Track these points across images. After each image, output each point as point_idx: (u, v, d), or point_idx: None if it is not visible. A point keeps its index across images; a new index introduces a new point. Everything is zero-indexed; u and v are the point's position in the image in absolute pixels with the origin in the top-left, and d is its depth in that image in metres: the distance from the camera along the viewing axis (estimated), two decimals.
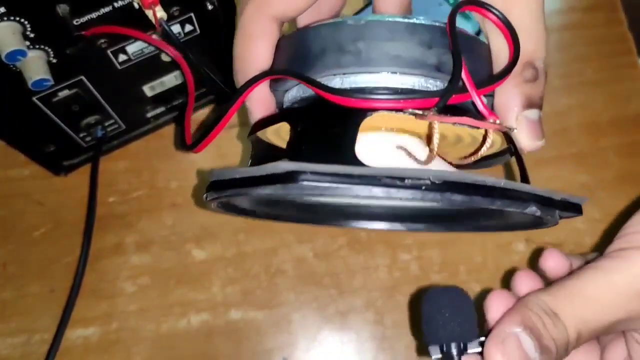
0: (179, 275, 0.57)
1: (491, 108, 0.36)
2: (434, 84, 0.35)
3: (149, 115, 0.59)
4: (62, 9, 0.42)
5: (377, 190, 0.29)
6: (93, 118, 0.55)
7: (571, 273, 0.39)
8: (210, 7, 0.49)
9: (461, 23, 0.36)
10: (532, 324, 0.36)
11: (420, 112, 0.32)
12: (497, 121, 0.34)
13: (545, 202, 0.33)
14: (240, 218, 0.58)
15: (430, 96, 0.32)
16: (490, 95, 0.37)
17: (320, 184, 0.29)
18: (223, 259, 0.58)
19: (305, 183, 0.29)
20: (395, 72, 0.34)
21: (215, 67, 0.56)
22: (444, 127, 0.35)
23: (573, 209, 0.35)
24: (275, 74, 0.37)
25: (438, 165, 0.37)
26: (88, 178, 0.57)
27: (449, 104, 0.32)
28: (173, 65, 0.52)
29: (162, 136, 0.62)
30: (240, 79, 0.39)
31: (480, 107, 0.33)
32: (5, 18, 0.41)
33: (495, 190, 0.31)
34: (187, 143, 0.42)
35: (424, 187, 0.30)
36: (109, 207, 0.59)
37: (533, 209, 0.32)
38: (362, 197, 0.30)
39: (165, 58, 0.52)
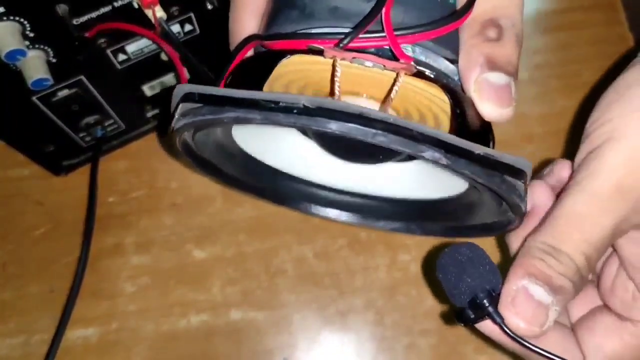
0: (179, 276, 0.57)
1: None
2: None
3: (149, 115, 0.59)
4: (62, 8, 0.42)
5: (255, 112, 0.29)
6: (93, 118, 0.55)
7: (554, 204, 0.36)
8: (209, 6, 0.49)
9: None
10: (535, 270, 0.34)
11: (321, 48, 0.32)
12: (410, 63, 0.31)
13: (453, 149, 0.29)
14: (242, 218, 0.58)
15: (339, 37, 0.32)
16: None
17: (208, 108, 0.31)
18: (223, 259, 0.58)
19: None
20: (343, 26, 0.34)
21: (214, 67, 0.56)
22: (408, 101, 0.35)
23: (507, 170, 0.31)
24: (253, 40, 0.38)
25: None
26: (88, 178, 0.57)
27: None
28: (172, 65, 0.52)
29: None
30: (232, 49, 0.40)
31: (394, 49, 0.32)
32: (5, 18, 0.41)
33: (379, 122, 0.28)
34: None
35: (295, 111, 0.28)
36: (109, 207, 0.59)
37: (434, 155, 0.28)
38: (243, 119, 0.30)
39: (164, 58, 0.52)
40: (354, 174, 0.45)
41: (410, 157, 0.42)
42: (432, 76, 0.33)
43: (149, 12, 0.45)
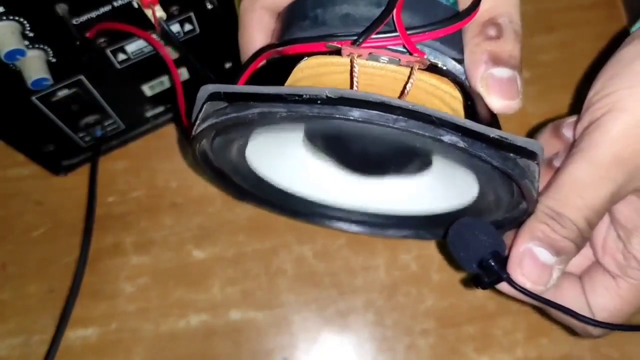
0: (178, 276, 0.57)
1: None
2: None
3: (149, 114, 0.59)
4: (61, 8, 0.42)
5: (279, 106, 0.30)
6: (92, 118, 0.55)
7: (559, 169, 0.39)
8: (210, 6, 0.49)
9: None
10: (540, 234, 0.37)
11: (339, 47, 0.33)
12: (424, 57, 0.33)
13: (470, 133, 0.30)
14: (242, 218, 0.58)
15: (352, 37, 0.34)
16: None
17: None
18: (223, 259, 0.58)
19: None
20: (356, 33, 0.35)
21: (214, 67, 0.56)
22: (420, 98, 0.36)
23: (520, 152, 0.32)
24: (267, 50, 0.39)
25: None
26: (87, 178, 0.57)
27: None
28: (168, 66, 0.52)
29: (162, 136, 0.62)
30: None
31: (407, 45, 0.34)
32: (4, 17, 0.41)
33: (399, 109, 0.29)
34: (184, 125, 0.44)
35: (319, 101, 0.30)
36: (109, 207, 0.59)
37: (452, 138, 0.30)
38: (268, 114, 0.31)
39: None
40: (364, 191, 0.46)
41: (420, 168, 0.43)
42: (444, 68, 0.35)
43: (148, 12, 0.44)
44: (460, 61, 0.37)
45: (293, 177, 0.46)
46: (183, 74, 0.55)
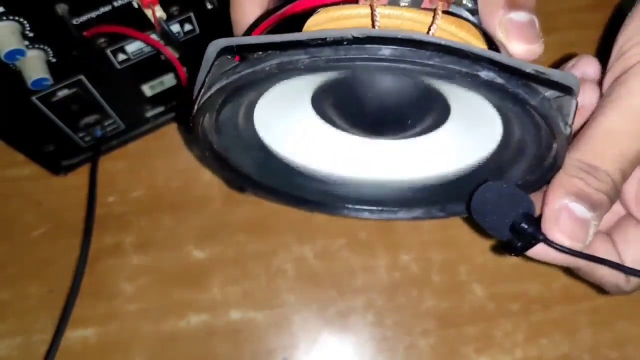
0: (178, 276, 0.57)
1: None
2: None
3: (149, 115, 0.59)
4: (61, 8, 0.42)
5: (300, 52, 0.28)
6: (92, 118, 0.55)
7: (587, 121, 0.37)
8: (210, 6, 0.49)
9: None
10: (575, 189, 0.35)
11: None
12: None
13: (508, 68, 0.28)
14: (242, 218, 0.58)
15: None
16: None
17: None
18: (223, 259, 0.58)
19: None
20: None
21: None
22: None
23: (556, 87, 0.30)
24: (270, 15, 0.36)
25: None
26: (87, 178, 0.57)
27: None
28: (172, 65, 0.52)
29: (162, 136, 0.61)
30: None
31: None
32: (4, 17, 0.41)
33: (431, 44, 0.27)
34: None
35: (345, 42, 0.27)
36: (109, 207, 0.59)
37: (489, 74, 0.28)
38: (288, 64, 0.28)
39: (164, 57, 0.51)
40: (375, 157, 0.44)
41: (437, 123, 0.41)
42: (468, 14, 0.33)
43: (148, 12, 0.44)
44: (473, 11, 0.36)
45: (302, 147, 0.44)
46: None
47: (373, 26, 0.32)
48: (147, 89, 0.55)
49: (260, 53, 0.29)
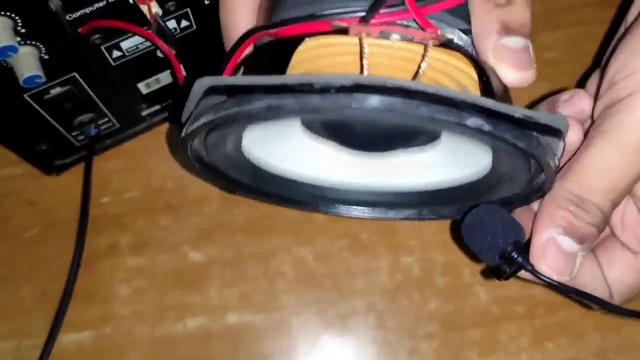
0: (174, 278, 0.56)
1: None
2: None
3: (144, 113, 0.58)
4: (55, 3, 0.41)
5: (288, 97, 0.28)
6: (86, 116, 0.54)
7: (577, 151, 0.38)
8: (206, 2, 0.48)
9: None
10: (564, 222, 0.36)
11: (345, 26, 0.32)
12: (438, 32, 0.32)
13: (497, 115, 0.29)
14: (239, 219, 0.58)
15: (355, 14, 0.32)
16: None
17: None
18: (220, 261, 0.57)
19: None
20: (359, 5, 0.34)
21: (211, 63, 0.55)
22: (431, 76, 0.34)
23: (545, 130, 0.31)
24: (257, 32, 0.37)
25: None
26: (81, 178, 0.56)
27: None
28: (169, 62, 0.51)
29: (158, 135, 0.61)
30: (228, 46, 0.39)
31: (419, 20, 0.32)
32: None
33: (420, 94, 0.27)
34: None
35: (333, 90, 0.27)
36: (103, 207, 0.58)
37: (476, 122, 0.28)
38: (275, 108, 0.28)
39: (160, 54, 0.51)
40: (366, 168, 0.44)
41: (427, 141, 0.41)
42: (460, 44, 0.33)
43: (144, 8, 0.44)
44: (467, 32, 0.36)
45: (291, 161, 0.45)
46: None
47: (361, 59, 0.32)
48: (143, 87, 0.55)
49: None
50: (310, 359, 0.55)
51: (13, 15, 0.41)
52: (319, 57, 0.34)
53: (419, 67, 0.32)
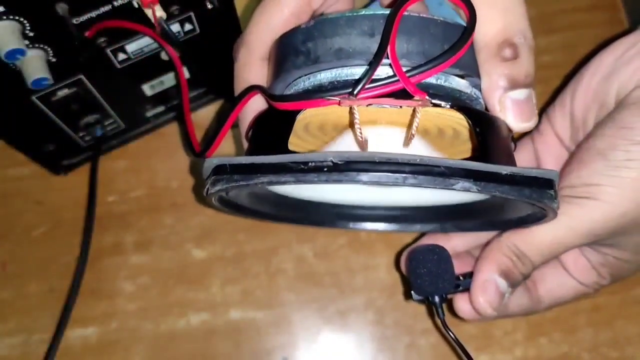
0: (178, 275, 0.57)
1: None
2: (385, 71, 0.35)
3: (149, 114, 0.59)
4: (62, 8, 0.42)
5: (287, 175, 0.31)
6: (92, 117, 0.54)
7: None
8: (210, 6, 0.49)
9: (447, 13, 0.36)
10: (504, 267, 0.43)
11: (338, 99, 0.34)
12: (425, 98, 0.33)
13: (483, 176, 0.31)
14: (241, 218, 0.58)
15: (347, 88, 0.34)
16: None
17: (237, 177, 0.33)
18: (223, 258, 0.58)
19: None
20: (351, 65, 0.36)
21: (214, 67, 0.56)
22: (425, 122, 0.36)
23: (534, 184, 0.33)
24: (254, 90, 0.41)
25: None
26: (87, 177, 0.57)
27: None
28: (173, 64, 0.52)
29: (162, 135, 0.62)
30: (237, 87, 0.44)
31: (408, 87, 0.33)
32: (5, 17, 0.40)
33: (407, 165, 0.30)
34: (196, 151, 0.45)
35: (325, 169, 0.30)
36: (109, 206, 0.59)
37: (464, 185, 0.31)
38: (276, 182, 0.32)
39: (165, 57, 0.51)
40: (387, 192, 0.46)
41: None
42: (447, 106, 0.34)
43: (148, 12, 0.44)
44: (463, 76, 0.37)
45: (318, 188, 0.46)
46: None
47: (352, 126, 0.35)
48: (147, 89, 0.55)
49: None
50: (311, 355, 0.55)
51: (21, 20, 0.41)
52: (323, 114, 0.37)
53: (409, 127, 0.35)
